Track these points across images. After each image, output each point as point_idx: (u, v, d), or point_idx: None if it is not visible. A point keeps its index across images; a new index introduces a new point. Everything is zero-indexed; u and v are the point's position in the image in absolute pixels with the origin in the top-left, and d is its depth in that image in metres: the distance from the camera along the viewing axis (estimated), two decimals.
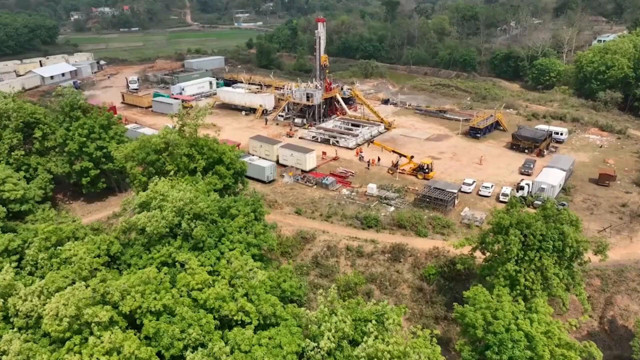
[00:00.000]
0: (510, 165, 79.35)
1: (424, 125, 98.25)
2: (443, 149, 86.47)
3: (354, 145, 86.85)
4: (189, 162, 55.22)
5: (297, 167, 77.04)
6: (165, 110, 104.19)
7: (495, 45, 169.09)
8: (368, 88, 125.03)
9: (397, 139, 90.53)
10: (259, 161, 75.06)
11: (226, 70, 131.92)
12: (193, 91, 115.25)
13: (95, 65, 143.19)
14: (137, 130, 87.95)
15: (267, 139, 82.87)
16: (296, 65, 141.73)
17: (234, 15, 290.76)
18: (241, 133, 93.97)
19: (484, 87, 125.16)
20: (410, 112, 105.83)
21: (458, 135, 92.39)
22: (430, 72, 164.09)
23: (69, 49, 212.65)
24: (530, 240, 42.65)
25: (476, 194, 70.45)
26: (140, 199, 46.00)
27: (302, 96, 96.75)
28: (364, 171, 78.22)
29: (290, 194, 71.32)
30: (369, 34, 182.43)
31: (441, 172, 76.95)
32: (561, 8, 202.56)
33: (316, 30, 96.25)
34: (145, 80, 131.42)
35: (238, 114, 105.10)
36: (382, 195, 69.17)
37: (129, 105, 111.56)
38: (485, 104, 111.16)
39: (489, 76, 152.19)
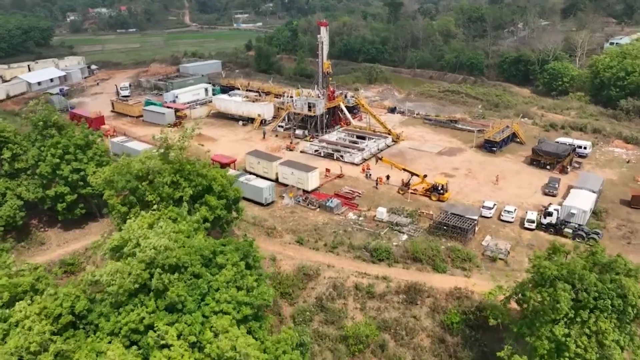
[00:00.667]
0: (532, 184, 71.33)
1: (435, 136, 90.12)
2: (457, 164, 78.39)
3: (360, 161, 78.77)
4: (174, 190, 47.22)
5: (298, 186, 69.02)
6: (157, 120, 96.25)
7: (503, 47, 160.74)
8: (373, 95, 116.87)
9: (406, 153, 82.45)
10: (256, 181, 67.00)
11: (223, 76, 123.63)
12: (187, 99, 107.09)
13: (86, 70, 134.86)
14: (124, 144, 79.93)
15: (265, 155, 74.80)
16: (297, 70, 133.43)
17: (233, 16, 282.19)
18: (238, 146, 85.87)
19: (495, 94, 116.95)
20: (419, 122, 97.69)
21: (472, 148, 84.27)
22: (436, 76, 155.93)
23: (63, 51, 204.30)
24: (583, 297, 34.63)
25: (497, 218, 62.42)
26: (112, 242, 38.08)
27: (304, 106, 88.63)
28: (371, 191, 70.17)
29: (290, 219, 63.29)
30: (372, 36, 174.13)
31: (456, 193, 68.91)
32: (569, 9, 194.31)
33: (318, 35, 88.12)
34: (138, 86, 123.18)
35: (235, 124, 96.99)
36: (393, 220, 61.15)
37: (119, 114, 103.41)
38: (498, 113, 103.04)
39: (497, 80, 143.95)
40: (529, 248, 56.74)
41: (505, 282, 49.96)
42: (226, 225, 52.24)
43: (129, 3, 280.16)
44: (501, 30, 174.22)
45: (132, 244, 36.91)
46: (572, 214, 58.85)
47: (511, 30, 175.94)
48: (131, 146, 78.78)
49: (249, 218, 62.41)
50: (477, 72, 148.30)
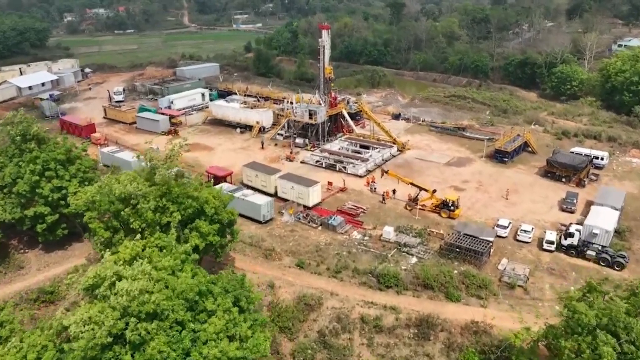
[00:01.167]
0: (548, 199, 66.35)
1: (442, 145, 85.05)
2: (466, 176, 73.35)
3: (364, 173, 73.75)
4: (161, 215, 42.21)
5: (299, 202, 64.01)
6: (151, 127, 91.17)
7: (508, 49, 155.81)
8: (376, 100, 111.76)
9: (412, 164, 77.43)
10: (253, 197, 61.95)
11: (220, 80, 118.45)
12: (183, 104, 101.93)
13: (80, 74, 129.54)
14: (114, 154, 74.87)
15: (263, 167, 69.73)
16: (297, 74, 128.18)
17: (233, 17, 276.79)
18: (235, 156, 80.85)
19: (503, 99, 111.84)
20: (425, 129, 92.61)
21: (482, 158, 79.22)
22: (439, 79, 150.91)
23: (60, 53, 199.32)
24: (630, 350, 29.66)
25: (513, 238, 57.44)
26: (86, 281, 33.02)
27: (304, 113, 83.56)
28: (377, 206, 65.15)
29: (290, 238, 58.27)
30: (374, 38, 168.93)
31: (467, 208, 63.92)
32: (574, 10, 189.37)
33: (320, 39, 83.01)
34: (133, 91, 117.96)
35: (232, 132, 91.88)
36: (401, 241, 56.15)
37: (111, 120, 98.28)
38: (507, 119, 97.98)
39: (502, 83, 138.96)
40: (549, 272, 51.91)
41: (526, 313, 45.35)
42: (220, 250, 47.26)
43: (127, 3, 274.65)
44: (506, 31, 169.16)
45: (107, 283, 32.00)
46: (595, 235, 53.90)
47: (516, 32, 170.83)
48: (122, 157, 73.81)
49: (245, 237, 57.48)
50: (481, 75, 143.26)
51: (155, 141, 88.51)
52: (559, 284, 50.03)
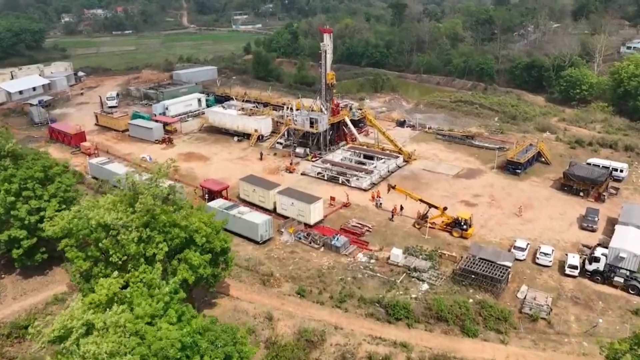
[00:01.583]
0: (566, 215, 61.45)
1: (450, 155, 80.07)
2: (477, 189, 68.40)
3: (368, 186, 68.80)
4: (146, 246, 37.29)
5: (299, 219, 59.08)
6: (144, 135, 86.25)
7: (514, 52, 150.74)
8: (379, 105, 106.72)
9: (419, 176, 72.47)
10: (250, 215, 56.98)
11: (218, 84, 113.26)
12: (178, 110, 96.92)
13: (73, 77, 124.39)
14: (103, 166, 69.90)
15: (261, 181, 64.72)
16: (297, 78, 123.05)
17: (232, 17, 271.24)
18: (232, 167, 75.94)
19: (511, 104, 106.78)
20: (431, 137, 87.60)
21: (493, 170, 74.23)
22: (443, 82, 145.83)
23: (56, 54, 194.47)
24: None
25: (532, 261, 52.56)
26: (52, 333, 28.15)
27: (305, 121, 78.55)
28: (383, 224, 60.23)
29: (290, 261, 53.34)
30: (375, 40, 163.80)
31: (480, 226, 59.03)
32: (580, 11, 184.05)
33: (322, 43, 77.99)
34: (128, 95, 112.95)
35: (229, 140, 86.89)
36: (411, 264, 51.24)
37: (103, 127, 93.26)
38: (517, 126, 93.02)
39: (508, 87, 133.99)
40: (574, 302, 47.05)
41: (551, 350, 40.58)
42: (212, 280, 42.32)
43: (126, 4, 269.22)
44: (511, 33, 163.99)
45: (75, 336, 27.14)
46: (622, 259, 48.95)
47: (521, 34, 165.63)
48: (111, 169, 68.80)
49: (242, 260, 52.63)
50: (487, 78, 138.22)
51: (149, 150, 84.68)
52: (586, 316, 45.21)
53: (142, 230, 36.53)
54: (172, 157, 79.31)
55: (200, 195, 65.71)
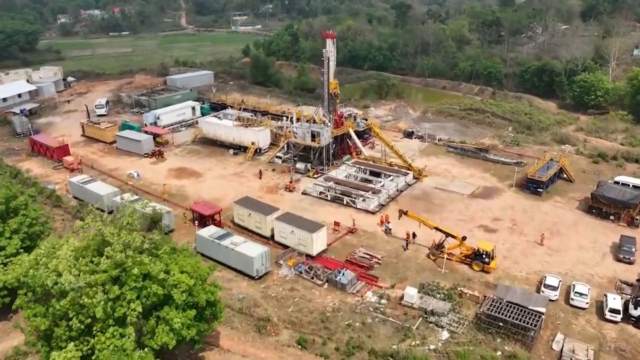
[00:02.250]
0: (598, 244, 54.46)
1: (463, 170, 73.00)
2: (496, 212, 61.35)
3: (376, 208, 61.76)
4: (115, 305, 30.31)
5: (300, 249, 52.14)
6: (133, 148, 79.28)
7: (522, 55, 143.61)
8: (384, 113, 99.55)
9: (431, 196, 65.42)
10: (245, 246, 49.94)
11: (214, 91, 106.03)
12: (171, 120, 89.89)
13: (62, 83, 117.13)
14: (84, 186, 62.86)
15: (258, 205, 57.63)
16: (298, 83, 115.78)
17: (232, 18, 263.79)
18: (226, 185, 68.92)
19: (524, 112, 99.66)
20: (442, 150, 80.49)
21: (512, 188, 67.16)
22: (449, 86, 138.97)
23: (50, 56, 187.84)
24: None
25: (565, 301, 45.60)
26: None
27: (306, 134, 71.52)
28: (393, 253, 53.24)
29: (290, 301, 46.35)
30: (379, 42, 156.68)
31: (503, 257, 52.06)
32: (588, 12, 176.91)
33: (324, 50, 70.92)
34: (118, 102, 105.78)
35: (224, 153, 79.84)
36: (427, 306, 44.27)
37: (90, 139, 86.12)
38: (532, 137, 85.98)
39: (517, 92, 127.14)
40: (619, 355, 40.16)
41: None
42: (198, 337, 35.30)
43: (123, 4, 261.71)
44: (518, 35, 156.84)
45: None
46: None
47: (529, 36, 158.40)
48: (93, 189, 61.87)
49: (234, 300, 45.75)
50: (495, 82, 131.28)
51: (137, 165, 77.66)
52: None
53: (111, 289, 29.51)
54: (162, 172, 73.41)
55: (191, 219, 58.77)
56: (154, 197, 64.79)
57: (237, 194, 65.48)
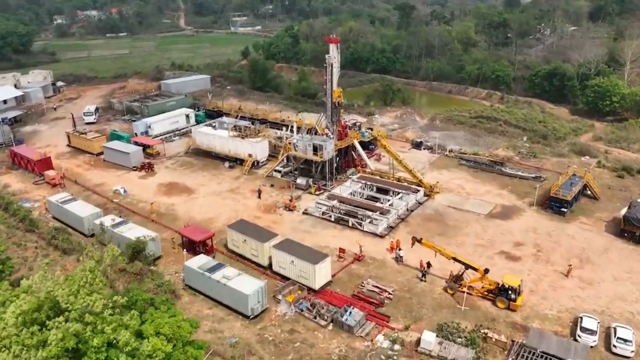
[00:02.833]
0: (634, 274, 48.15)
1: (478, 186, 66.56)
2: (517, 235, 54.97)
3: (385, 230, 55.38)
4: None
5: (301, 282, 45.83)
6: (120, 161, 72.95)
7: (531, 57, 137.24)
8: (390, 121, 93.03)
9: (445, 216, 59.03)
10: (238, 281, 43.56)
11: (209, 97, 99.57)
12: (163, 128, 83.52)
13: (51, 88, 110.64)
14: (63, 206, 56.52)
15: (254, 230, 51.23)
16: (298, 89, 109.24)
17: (231, 19, 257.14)
18: (221, 203, 62.52)
19: (537, 119, 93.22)
20: (454, 163, 74.05)
21: (532, 207, 60.72)
22: (455, 90, 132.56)
23: (45, 58, 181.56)
24: None
25: (605, 348, 39.27)
26: None
27: (307, 148, 65.08)
28: (405, 286, 46.91)
29: (289, 346, 39.99)
30: (382, 44, 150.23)
31: (530, 292, 45.73)
32: (597, 13, 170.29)
33: (327, 56, 64.50)
34: (109, 109, 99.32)
35: (219, 166, 73.45)
36: (448, 355, 37.95)
37: (77, 150, 79.69)
38: (549, 148, 79.56)
39: (526, 96, 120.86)
40: None
41: None
42: None
43: (121, 5, 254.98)
44: (526, 37, 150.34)
45: None
46: None
47: (537, 38, 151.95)
48: (72, 210, 55.62)
49: (225, 346, 39.39)
50: (503, 86, 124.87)
51: (124, 180, 71.28)
52: None
53: None
54: (151, 188, 67.01)
55: (180, 244, 52.43)
56: (141, 217, 58.68)
57: (232, 213, 59.29)
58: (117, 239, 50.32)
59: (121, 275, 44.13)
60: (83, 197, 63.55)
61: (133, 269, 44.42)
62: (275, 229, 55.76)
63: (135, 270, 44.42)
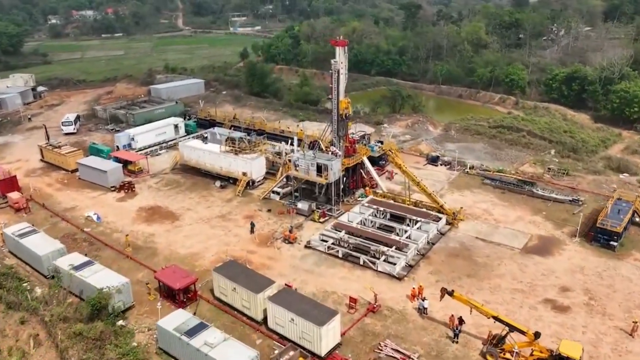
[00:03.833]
0: None
1: (508, 211, 56.55)
2: (562, 277, 45.05)
3: (403, 270, 45.48)
4: None
5: (303, 344, 35.99)
6: (97, 180, 63.13)
7: (546, 59, 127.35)
8: (400, 131, 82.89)
9: (473, 251, 49.09)
10: (224, 349, 33.70)
11: (201, 104, 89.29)
12: (149, 141, 73.62)
13: (31, 94, 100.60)
14: (20, 240, 46.63)
15: (246, 275, 41.27)
16: (299, 95, 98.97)
17: (230, 19, 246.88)
18: (209, 232, 52.56)
19: (562, 128, 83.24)
20: (476, 182, 64.03)
21: (575, 239, 50.78)
22: (466, 95, 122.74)
23: (36, 60, 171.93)
24: None
25: None
26: None
27: (310, 168, 55.12)
28: (433, 348, 37.02)
29: None
30: (387, 45, 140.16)
31: (589, 359, 35.81)
32: (611, 12, 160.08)
33: (333, 61, 54.46)
34: (93, 117, 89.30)
35: (209, 185, 63.49)
36: None
37: (51, 166, 69.73)
38: (582, 163, 69.64)
39: (541, 101, 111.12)
40: None
41: None
42: None
43: (117, 5, 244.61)
44: (540, 38, 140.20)
45: None
46: None
47: (551, 38, 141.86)
48: (30, 246, 45.67)
49: None
50: (517, 90, 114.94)
51: (100, 203, 61.42)
52: None
53: None
54: (130, 213, 57.12)
55: (157, 289, 42.61)
56: (114, 252, 48.88)
57: (221, 246, 49.51)
58: (79, 286, 40.73)
59: (76, 342, 34.36)
60: (50, 225, 53.92)
61: (92, 333, 34.57)
62: (272, 267, 46.11)
63: (94, 334, 34.57)
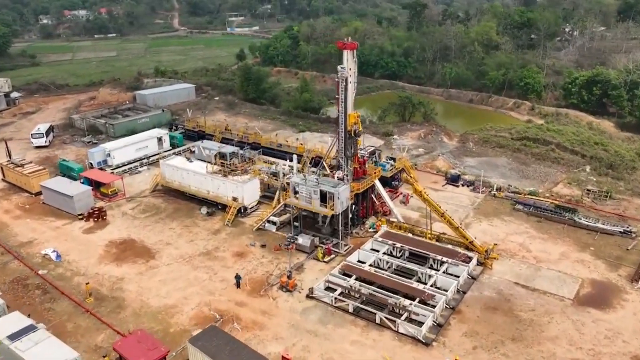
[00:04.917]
0: None
1: (548, 246, 46.56)
2: (631, 340, 35.15)
3: (430, 332, 35.50)
4: None
5: None
6: (63, 205, 53.02)
7: (561, 61, 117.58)
8: (412, 143, 72.68)
9: (514, 301, 39.11)
10: None
11: (189, 114, 78.88)
12: (127, 156, 63.44)
13: (4, 100, 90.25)
14: None
15: (231, 351, 31.23)
16: (299, 102, 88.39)
17: (227, 19, 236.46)
18: (190, 277, 42.46)
19: (592, 140, 73.29)
20: (505, 207, 53.99)
21: (637, 286, 40.87)
22: (477, 99, 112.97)
23: (24, 62, 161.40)
24: None
25: None
26: None
27: (313, 195, 45.06)
28: None
29: None
30: (391, 46, 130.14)
31: None
32: (626, 11, 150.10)
33: (340, 67, 44.63)
34: (70, 127, 79.10)
35: (194, 211, 53.45)
36: None
37: (13, 187, 59.59)
38: (623, 183, 59.69)
39: (558, 106, 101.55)
40: None
41: None
42: None
43: (111, 4, 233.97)
44: (554, 38, 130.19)
45: None
46: None
47: (566, 39, 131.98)
48: None
49: None
50: (533, 95, 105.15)
51: (63, 235, 51.35)
52: None
53: None
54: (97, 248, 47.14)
55: None
56: (72, 304, 38.94)
57: (204, 296, 39.61)
58: None
59: None
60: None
61: None
62: (265, 327, 36.25)
63: None
